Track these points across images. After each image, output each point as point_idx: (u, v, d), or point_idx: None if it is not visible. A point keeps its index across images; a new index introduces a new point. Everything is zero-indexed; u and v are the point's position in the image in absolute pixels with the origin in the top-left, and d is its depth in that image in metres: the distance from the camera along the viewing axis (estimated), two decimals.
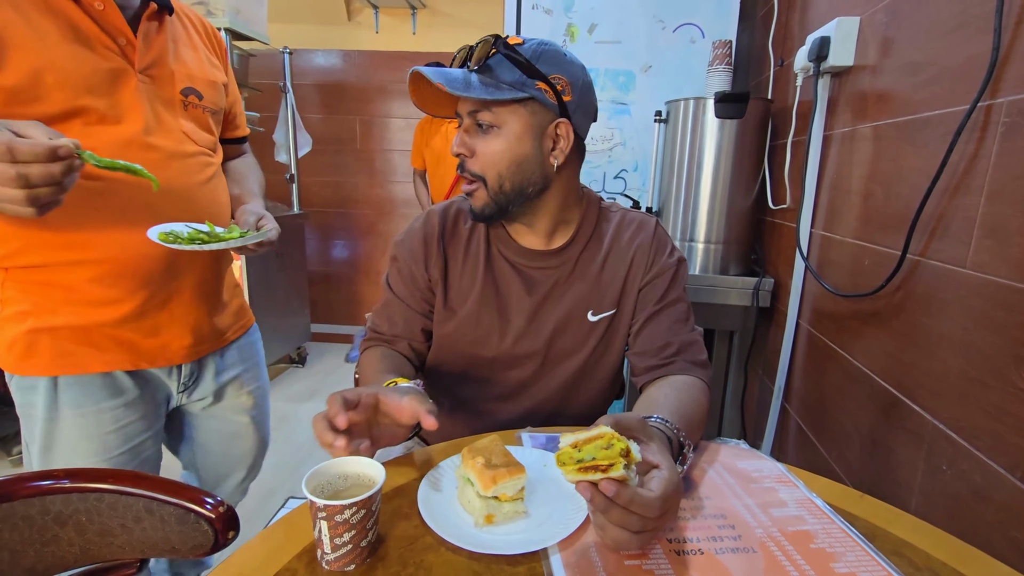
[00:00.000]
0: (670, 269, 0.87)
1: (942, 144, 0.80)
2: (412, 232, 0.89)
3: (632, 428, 0.55)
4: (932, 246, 0.85)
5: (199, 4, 2.41)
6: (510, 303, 0.87)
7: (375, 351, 0.88)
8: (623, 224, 0.89)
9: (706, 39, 1.78)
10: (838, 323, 1.16)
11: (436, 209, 0.90)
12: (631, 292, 0.87)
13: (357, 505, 0.50)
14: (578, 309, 0.87)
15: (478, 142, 0.78)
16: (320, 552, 0.51)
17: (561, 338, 0.87)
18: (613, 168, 1.90)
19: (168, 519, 0.62)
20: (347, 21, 3.30)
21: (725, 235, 1.54)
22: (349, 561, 0.51)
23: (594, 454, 0.49)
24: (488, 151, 0.77)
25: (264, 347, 1.16)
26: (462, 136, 0.78)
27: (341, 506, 0.49)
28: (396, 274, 0.90)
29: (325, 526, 0.50)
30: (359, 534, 0.51)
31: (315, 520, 0.50)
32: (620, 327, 0.88)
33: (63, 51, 0.75)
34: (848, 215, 1.13)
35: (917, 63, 0.92)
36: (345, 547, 0.50)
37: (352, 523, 0.50)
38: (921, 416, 0.85)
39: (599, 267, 0.87)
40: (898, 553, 0.55)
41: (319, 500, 0.49)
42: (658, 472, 0.52)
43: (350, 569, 0.51)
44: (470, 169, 0.79)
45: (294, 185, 3.06)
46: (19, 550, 0.59)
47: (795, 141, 1.38)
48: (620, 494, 0.48)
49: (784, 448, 1.41)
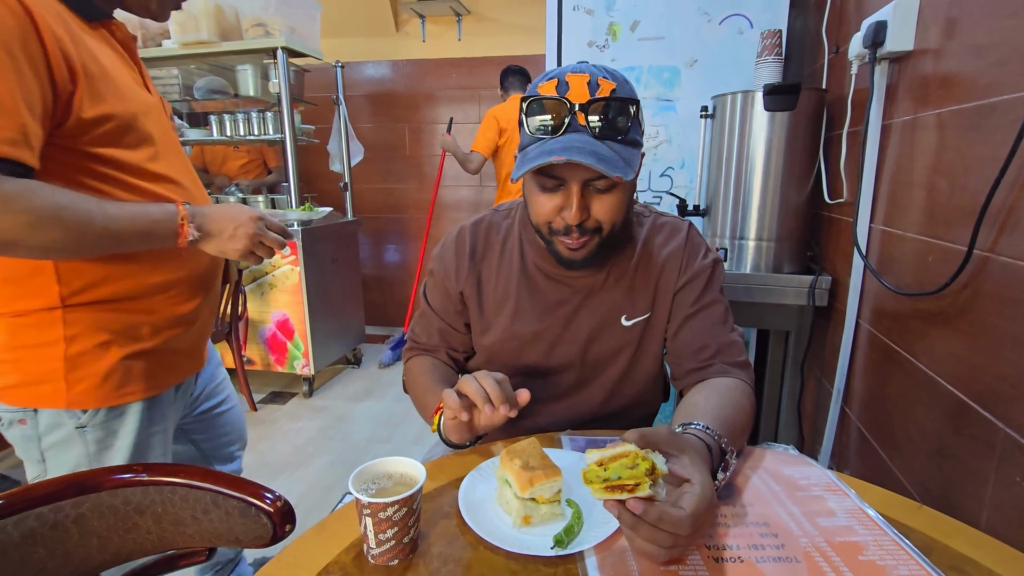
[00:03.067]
0: (705, 271, 0.85)
1: (1011, 131, 0.75)
2: (446, 247, 0.92)
3: (660, 442, 0.55)
4: (1002, 241, 0.79)
5: (258, 26, 2.55)
6: (546, 312, 0.87)
7: (421, 360, 0.92)
8: (654, 229, 0.88)
9: (754, 29, 1.72)
10: (900, 323, 1.10)
11: (467, 224, 0.92)
12: (665, 296, 0.86)
13: (399, 503, 0.52)
14: (612, 315, 0.86)
15: (595, 202, 0.73)
16: (366, 547, 0.54)
17: (596, 344, 0.87)
18: (659, 166, 1.87)
19: (232, 512, 0.67)
20: (395, 32, 3.40)
21: (778, 232, 1.49)
22: (392, 556, 0.54)
23: (620, 473, 0.49)
24: (608, 208, 0.74)
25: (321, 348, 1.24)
26: (577, 201, 0.72)
27: (384, 504, 0.52)
28: (432, 287, 0.93)
29: (370, 522, 0.53)
30: (401, 531, 0.54)
31: (361, 516, 0.53)
32: (656, 330, 0.87)
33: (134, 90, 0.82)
34: (909, 209, 1.07)
35: (983, 45, 0.86)
36: (389, 543, 0.53)
37: (395, 520, 0.53)
38: (992, 424, 0.79)
39: (632, 272, 0.86)
40: (958, 568, 0.52)
41: (364, 497, 0.52)
42: (690, 488, 0.52)
43: (393, 564, 0.54)
44: (587, 227, 0.74)
45: (347, 193, 3.19)
46: (106, 536, 0.66)
47: (851, 132, 1.31)
48: (648, 512, 0.48)
49: (844, 454, 1.35)
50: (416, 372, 0.91)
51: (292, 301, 2.76)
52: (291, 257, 2.72)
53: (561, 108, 0.70)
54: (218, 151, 3.28)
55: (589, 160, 0.66)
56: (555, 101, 0.70)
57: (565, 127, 0.70)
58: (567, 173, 0.71)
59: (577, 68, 0.73)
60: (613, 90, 0.71)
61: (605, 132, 0.70)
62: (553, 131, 0.70)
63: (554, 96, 0.71)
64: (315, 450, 2.31)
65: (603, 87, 0.71)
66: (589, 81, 0.71)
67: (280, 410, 2.72)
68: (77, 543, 0.64)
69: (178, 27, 2.53)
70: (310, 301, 2.75)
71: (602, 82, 0.71)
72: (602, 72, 0.73)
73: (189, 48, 2.58)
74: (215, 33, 2.54)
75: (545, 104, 0.71)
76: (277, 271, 2.76)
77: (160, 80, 2.85)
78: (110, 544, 0.66)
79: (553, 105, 0.70)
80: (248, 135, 2.75)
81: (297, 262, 2.72)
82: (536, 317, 0.87)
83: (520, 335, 0.87)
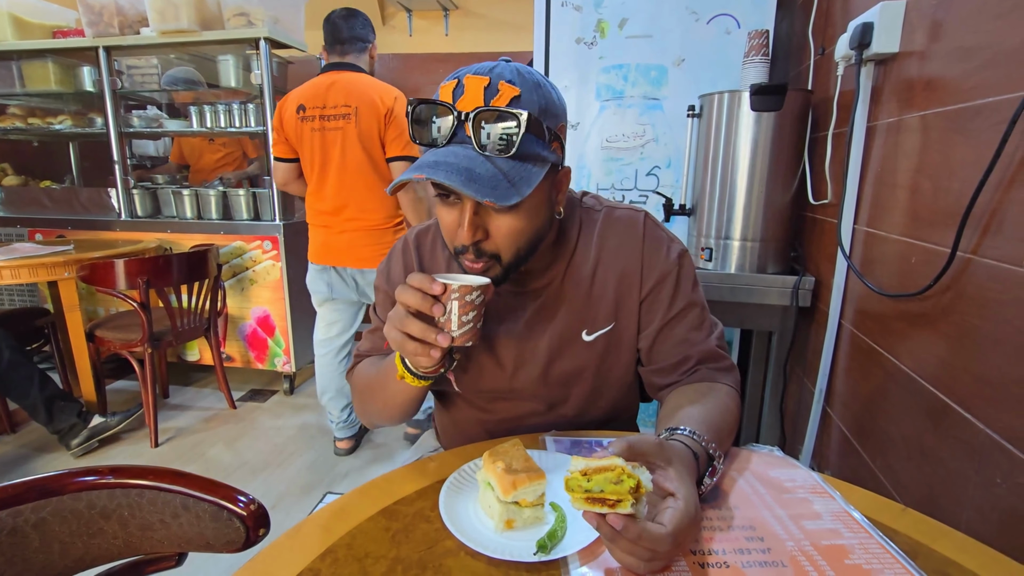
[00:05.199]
0: (671, 272, 0.78)
1: (996, 134, 0.75)
2: (393, 260, 0.86)
3: (647, 453, 0.53)
4: (985, 243, 0.79)
5: (241, 15, 2.50)
6: (498, 332, 0.80)
7: (365, 361, 0.86)
8: (608, 225, 0.80)
9: (742, 29, 1.72)
10: (883, 324, 1.11)
11: (411, 236, 0.86)
12: (628, 305, 0.79)
13: (480, 289, 0.62)
14: (571, 331, 0.79)
15: (491, 222, 0.66)
16: (448, 331, 0.61)
17: (559, 363, 0.80)
18: (645, 165, 1.86)
19: (203, 515, 0.64)
20: (382, 26, 3.36)
21: (762, 232, 1.49)
22: (469, 338, 0.63)
23: (603, 487, 0.48)
24: (504, 233, 0.66)
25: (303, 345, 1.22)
26: (469, 219, 0.64)
27: (471, 287, 0.61)
28: (381, 303, 0.87)
29: (456, 306, 0.61)
30: (478, 316, 0.63)
31: (447, 303, 0.61)
32: (622, 341, 0.80)
33: None
34: (893, 210, 1.08)
35: (969, 47, 0.86)
36: (467, 325, 0.62)
37: (475, 304, 0.62)
38: (974, 425, 0.80)
39: (588, 281, 0.79)
40: (943, 572, 0.52)
41: (455, 282, 0.61)
42: (673, 503, 0.50)
43: (468, 345, 0.63)
44: (484, 250, 0.67)
45: None
46: (68, 541, 0.63)
47: (836, 133, 1.32)
48: (628, 529, 0.47)
49: (825, 455, 1.35)
50: (363, 370, 0.84)
51: (273, 297, 2.71)
52: (272, 252, 2.67)
53: (447, 115, 0.62)
54: (195, 145, 3.21)
55: (454, 179, 0.57)
56: (440, 107, 0.62)
57: (450, 137, 0.62)
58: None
59: (481, 68, 0.63)
60: (515, 97, 0.61)
61: (493, 145, 0.61)
62: (442, 140, 0.62)
63: (441, 102, 0.62)
64: (295, 449, 2.28)
65: (503, 93, 0.61)
66: (488, 85, 0.61)
67: (260, 408, 2.67)
68: (37, 549, 0.61)
69: (157, 15, 2.46)
70: (292, 297, 2.70)
71: (504, 87, 0.61)
72: (511, 75, 0.63)
73: (168, 37, 2.51)
74: (195, 22, 2.48)
75: (431, 109, 0.63)
76: (258, 266, 2.71)
77: (138, 70, 2.77)
78: (73, 550, 0.63)
79: (439, 111, 0.62)
80: (229, 127, 2.70)
81: (279, 258, 2.67)
82: (488, 337, 0.80)
83: (474, 357, 0.81)
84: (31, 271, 2.13)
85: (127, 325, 2.35)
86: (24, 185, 3.11)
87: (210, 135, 2.87)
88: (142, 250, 2.54)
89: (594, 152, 1.89)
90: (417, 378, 0.69)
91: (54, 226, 2.89)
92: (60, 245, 2.47)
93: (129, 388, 2.87)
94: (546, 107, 0.65)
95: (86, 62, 2.77)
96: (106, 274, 2.12)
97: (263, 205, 2.70)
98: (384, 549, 0.55)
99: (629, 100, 1.83)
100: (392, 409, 0.79)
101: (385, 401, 0.78)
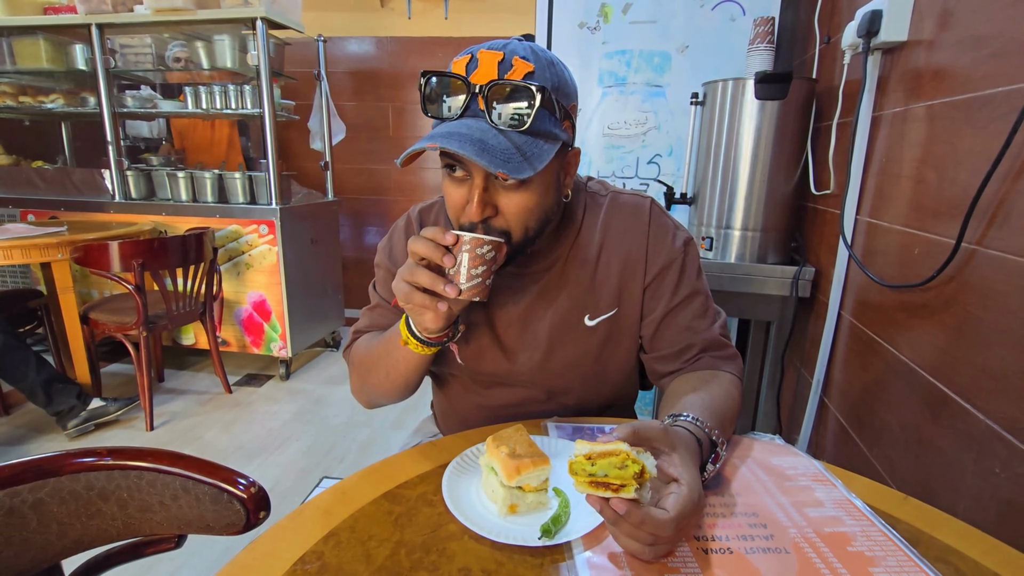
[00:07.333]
0: (676, 259, 0.77)
1: (1005, 124, 0.74)
2: (395, 236, 0.85)
3: (652, 439, 0.53)
4: (990, 234, 0.79)
5: None
6: (499, 313, 0.79)
7: (365, 336, 0.85)
8: (613, 209, 0.79)
9: (747, 16, 1.70)
10: (883, 315, 1.11)
11: (414, 211, 0.85)
12: (632, 291, 0.78)
13: (492, 244, 0.61)
14: (573, 315, 0.78)
15: (501, 198, 0.65)
16: (457, 282, 0.61)
17: (561, 348, 0.79)
18: (647, 153, 1.85)
19: (203, 498, 0.64)
20: (380, 8, 3.30)
21: (764, 222, 1.49)
22: (476, 292, 0.62)
23: (607, 471, 0.47)
24: (514, 209, 0.65)
25: (299, 330, 1.19)
26: (479, 195, 0.63)
27: (482, 240, 0.60)
28: (382, 280, 0.86)
29: (466, 258, 0.60)
30: (487, 272, 0.62)
31: (457, 255, 0.60)
32: (624, 327, 0.80)
33: None
34: (897, 201, 1.07)
35: (980, 36, 0.85)
36: (476, 279, 0.61)
37: (486, 259, 0.61)
38: (973, 415, 0.80)
39: (592, 265, 0.78)
40: (943, 560, 0.52)
41: (467, 234, 0.60)
42: (676, 488, 0.50)
43: (476, 300, 0.62)
44: (493, 227, 0.66)
45: (328, 172, 3.11)
46: (66, 522, 0.62)
47: (841, 123, 1.31)
48: (632, 514, 0.46)
49: (822, 444, 1.36)
50: (363, 344, 0.83)
51: (269, 282, 2.70)
52: (269, 236, 2.65)
53: (460, 89, 0.62)
54: (198, 133, 3.16)
55: (466, 149, 0.57)
56: (454, 80, 0.62)
57: (463, 111, 0.62)
58: (469, 161, 0.61)
59: (495, 44, 0.63)
60: (528, 73, 0.61)
61: (506, 120, 0.61)
62: (455, 114, 0.62)
63: (455, 74, 0.62)
64: (291, 434, 2.28)
65: (517, 68, 0.61)
66: (502, 60, 0.61)
67: (256, 392, 2.66)
68: (35, 530, 0.61)
69: None
70: (288, 282, 2.68)
71: (517, 63, 0.61)
72: (524, 51, 0.63)
73: (163, 15, 2.46)
74: (191, 0, 2.43)
75: (444, 82, 0.63)
76: (254, 251, 2.69)
77: (132, 49, 2.72)
78: (71, 531, 0.63)
79: (452, 84, 0.62)
80: (225, 108, 2.66)
81: (275, 242, 2.65)
82: (489, 320, 0.79)
83: (475, 340, 0.80)
84: (24, 252, 2.10)
85: (122, 308, 2.33)
86: (16, 165, 3.06)
87: (206, 116, 2.83)
88: (137, 232, 2.51)
89: (595, 139, 1.87)
90: (421, 343, 0.69)
91: (46, 207, 2.85)
92: (53, 226, 2.44)
93: (124, 371, 2.86)
94: (559, 85, 0.64)
95: (78, 40, 2.71)
96: (101, 256, 2.10)
97: (259, 189, 2.67)
98: (387, 532, 0.55)
99: (632, 87, 1.81)
100: (394, 380, 0.77)
101: (387, 371, 0.76)
